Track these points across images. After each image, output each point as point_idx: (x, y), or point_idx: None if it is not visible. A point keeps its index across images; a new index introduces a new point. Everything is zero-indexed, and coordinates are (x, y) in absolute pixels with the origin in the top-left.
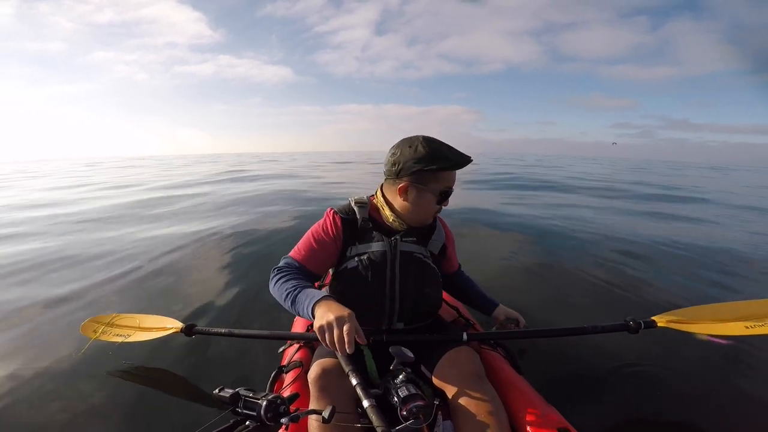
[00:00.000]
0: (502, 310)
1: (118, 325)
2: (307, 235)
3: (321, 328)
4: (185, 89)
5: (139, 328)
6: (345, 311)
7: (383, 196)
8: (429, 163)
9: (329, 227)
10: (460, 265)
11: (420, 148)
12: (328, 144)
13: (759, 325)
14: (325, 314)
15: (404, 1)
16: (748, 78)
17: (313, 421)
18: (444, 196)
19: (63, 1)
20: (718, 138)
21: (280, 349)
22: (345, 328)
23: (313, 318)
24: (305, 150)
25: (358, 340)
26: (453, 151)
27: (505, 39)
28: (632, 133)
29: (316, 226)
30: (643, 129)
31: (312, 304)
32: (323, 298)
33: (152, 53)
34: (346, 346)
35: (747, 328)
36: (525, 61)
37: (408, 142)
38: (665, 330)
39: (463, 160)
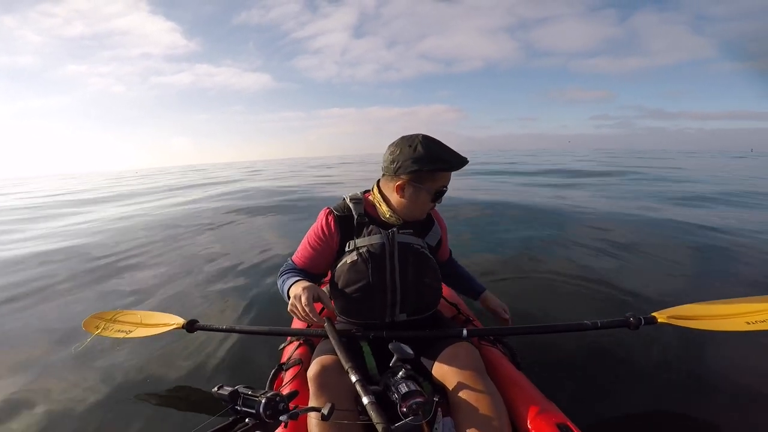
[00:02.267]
0: (489, 297)
1: (120, 321)
2: (305, 239)
3: (290, 310)
4: (164, 100)
5: (141, 324)
6: (300, 287)
7: (380, 191)
8: (427, 164)
9: (323, 228)
10: (451, 252)
11: (419, 148)
12: (316, 149)
13: (760, 321)
14: (292, 296)
15: (381, 4)
16: (715, 66)
17: (312, 418)
18: (439, 195)
19: (28, 15)
20: (694, 125)
21: (280, 347)
22: (303, 300)
23: None
24: (296, 156)
25: (326, 307)
26: (451, 152)
27: (482, 36)
28: (611, 123)
29: (311, 229)
30: (620, 119)
31: (286, 291)
32: (295, 282)
33: (127, 65)
34: (311, 316)
35: (748, 324)
36: (503, 58)
37: (408, 141)
38: (665, 326)
39: (460, 161)
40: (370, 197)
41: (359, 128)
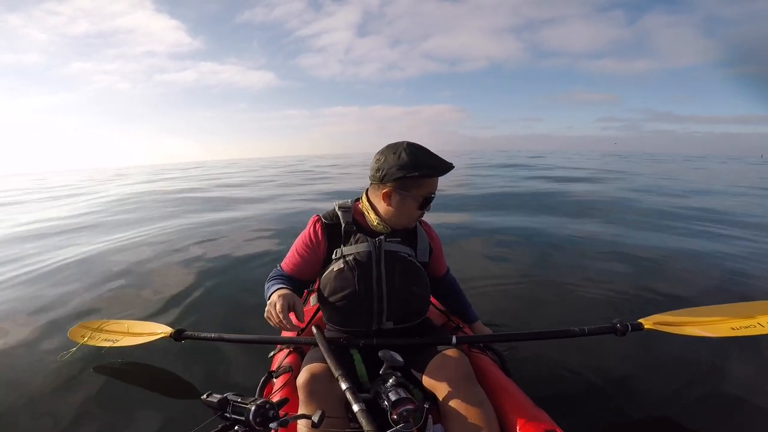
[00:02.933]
0: (479, 328)
1: (106, 331)
2: (293, 245)
3: (266, 317)
4: (168, 97)
5: (128, 333)
6: (277, 295)
7: (368, 200)
8: (412, 170)
9: (310, 236)
10: (448, 269)
11: (403, 155)
12: (320, 147)
13: (744, 327)
14: (268, 303)
15: (385, 3)
16: (725, 70)
17: (302, 426)
18: (426, 202)
19: (33, 13)
20: (703, 129)
21: (270, 354)
22: (277, 308)
23: None
24: (300, 154)
25: (297, 317)
26: (435, 158)
27: (487, 36)
28: (618, 126)
29: (300, 236)
30: (628, 122)
31: (268, 297)
32: (276, 289)
33: (132, 62)
34: (284, 323)
35: (733, 329)
36: (508, 58)
37: (392, 149)
38: (652, 332)
39: (445, 167)
40: (359, 205)
41: (363, 127)
